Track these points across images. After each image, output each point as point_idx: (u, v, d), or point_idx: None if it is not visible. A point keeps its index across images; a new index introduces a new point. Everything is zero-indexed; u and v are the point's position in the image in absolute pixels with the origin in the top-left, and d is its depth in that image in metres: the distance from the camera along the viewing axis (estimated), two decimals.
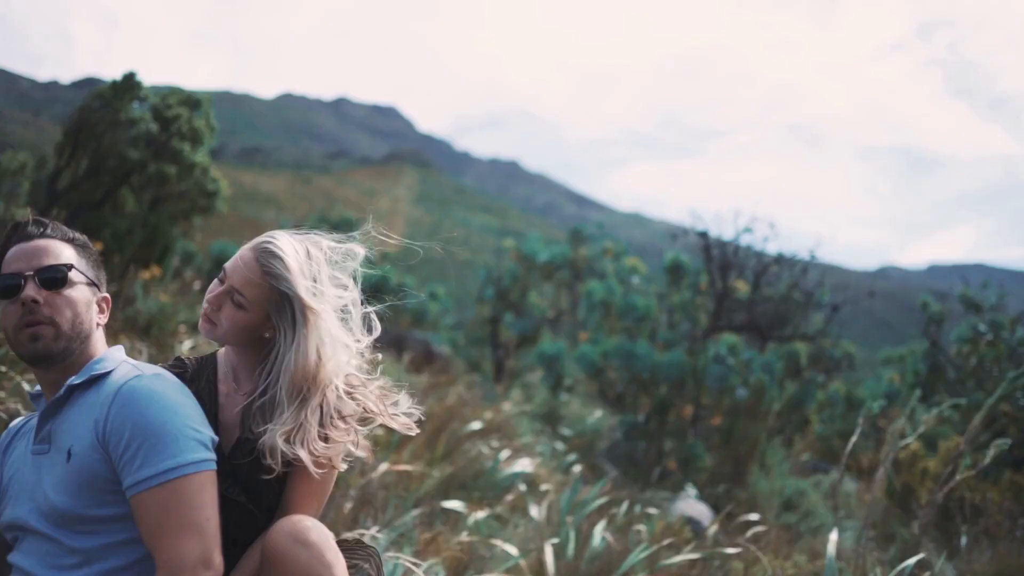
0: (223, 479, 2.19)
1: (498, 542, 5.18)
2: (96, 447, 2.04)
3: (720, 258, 11.56)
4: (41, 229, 2.24)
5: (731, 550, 5.50)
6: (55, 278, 2.16)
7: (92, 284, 2.28)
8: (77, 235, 2.30)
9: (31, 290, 2.11)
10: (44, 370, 2.19)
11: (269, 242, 2.31)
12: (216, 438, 2.16)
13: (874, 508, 7.89)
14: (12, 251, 2.19)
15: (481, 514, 6.01)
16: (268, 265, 2.26)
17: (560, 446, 9.97)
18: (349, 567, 2.24)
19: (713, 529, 7.11)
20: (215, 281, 2.34)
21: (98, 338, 2.28)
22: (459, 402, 10.40)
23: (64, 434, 2.12)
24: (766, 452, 9.51)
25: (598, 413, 12.35)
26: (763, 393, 9.72)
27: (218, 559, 1.99)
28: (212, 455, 2.09)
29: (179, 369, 2.45)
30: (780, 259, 12.12)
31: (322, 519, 2.30)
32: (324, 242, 2.44)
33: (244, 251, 2.32)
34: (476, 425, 8.82)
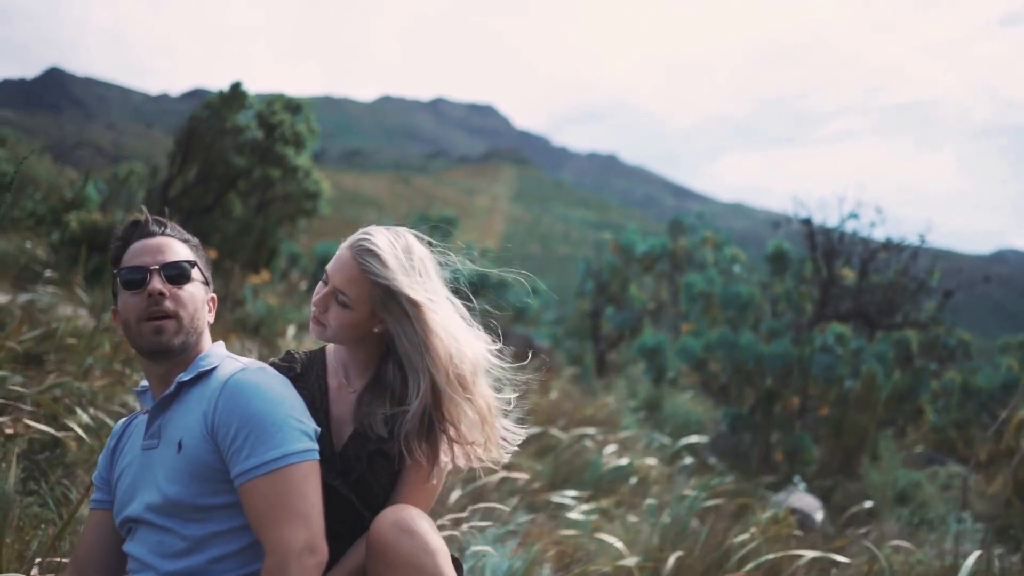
0: (332, 475, 2.24)
1: (606, 536, 5.16)
2: (205, 438, 2.12)
3: (824, 245, 11.26)
4: (161, 228, 2.33)
5: (840, 558, 5.34)
6: (179, 274, 2.26)
7: (206, 283, 2.37)
8: (191, 236, 2.41)
9: (157, 283, 2.20)
10: (157, 363, 2.27)
11: (365, 239, 2.33)
12: (319, 429, 2.20)
13: (997, 504, 7.61)
14: (135, 246, 2.28)
15: (586, 508, 6.00)
16: (365, 262, 2.27)
17: (663, 439, 9.87)
18: None
19: (820, 517, 6.95)
20: (320, 283, 2.38)
21: (206, 335, 2.37)
22: (562, 396, 10.40)
23: (174, 428, 2.21)
24: (877, 443, 9.22)
25: (701, 405, 12.20)
26: (873, 383, 9.43)
27: (323, 546, 2.04)
28: (315, 445, 2.14)
29: (289, 364, 2.51)
30: (888, 245, 11.74)
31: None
32: (416, 239, 2.44)
33: (342, 250, 2.35)
34: (579, 419, 8.82)
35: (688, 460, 8.91)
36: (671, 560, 4.75)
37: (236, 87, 14.59)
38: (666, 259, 16.89)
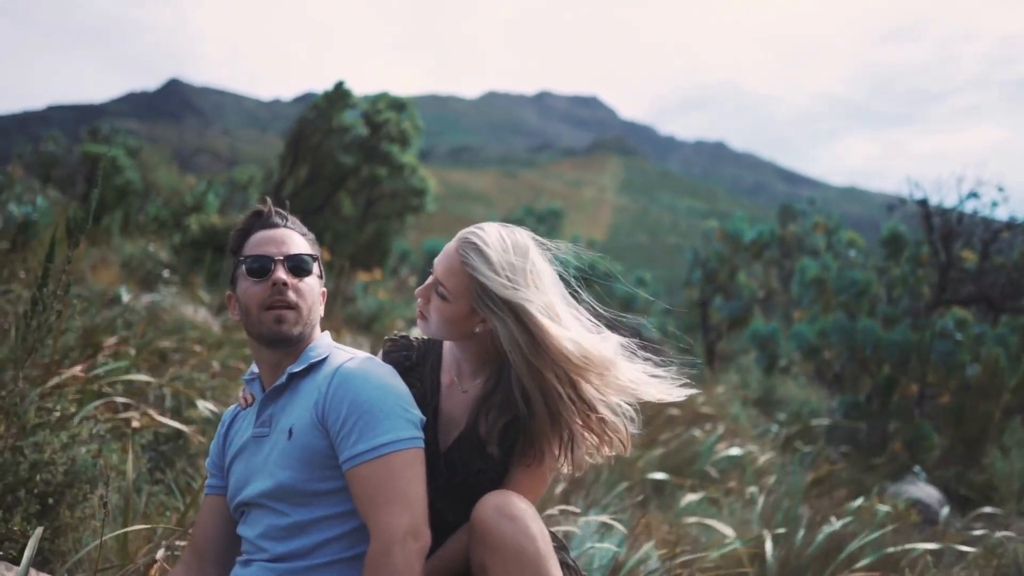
0: (433, 477, 2.25)
1: (714, 522, 5.10)
2: (316, 425, 2.19)
3: (942, 227, 10.82)
4: (283, 220, 2.42)
5: (965, 548, 5.15)
6: (301, 266, 2.34)
7: (320, 276, 2.44)
8: (308, 231, 2.48)
9: (281, 273, 2.28)
10: (272, 351, 2.35)
11: (472, 232, 2.30)
12: (424, 418, 2.24)
13: None
14: (259, 235, 2.36)
15: (694, 497, 5.95)
16: (466, 255, 2.25)
17: (776, 428, 9.69)
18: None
19: (943, 508, 6.72)
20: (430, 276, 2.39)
21: (317, 328, 2.43)
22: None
23: (284, 416, 2.29)
24: (1004, 432, 8.85)
25: (815, 394, 11.92)
26: (997, 369, 9.03)
27: (426, 531, 2.08)
28: (421, 434, 2.18)
29: (405, 352, 2.53)
30: (1012, 224, 11.19)
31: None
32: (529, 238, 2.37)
33: (450, 243, 2.33)
34: (688, 409, 8.74)
35: (802, 450, 8.73)
36: (776, 549, 4.67)
37: (339, 86, 14.95)
38: (775, 246, 16.53)
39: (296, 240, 2.37)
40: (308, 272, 2.35)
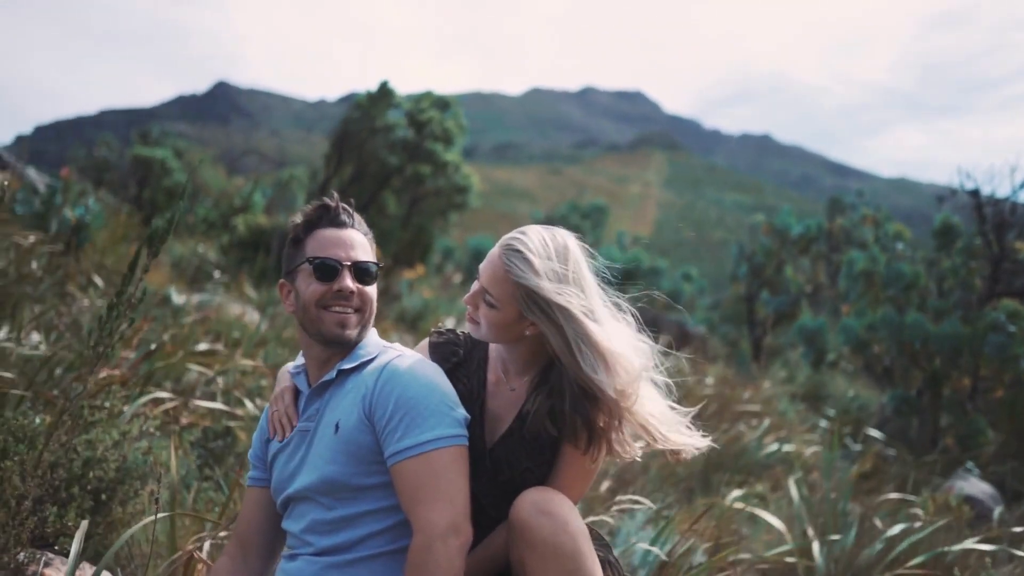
0: (480, 471, 2.29)
1: (761, 512, 5.06)
2: (362, 420, 2.23)
3: (995, 217, 10.58)
4: (350, 219, 2.43)
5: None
6: (368, 274, 2.37)
7: (381, 266, 2.48)
8: (368, 229, 2.50)
9: (348, 280, 2.32)
10: (324, 348, 2.39)
11: (515, 238, 2.31)
12: (469, 417, 2.26)
13: None
14: (327, 234, 2.38)
15: (740, 492, 5.91)
16: (511, 262, 2.25)
17: (824, 424, 9.58)
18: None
19: (997, 506, 6.59)
20: (475, 281, 2.40)
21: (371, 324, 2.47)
22: (717, 382, 10.25)
23: (332, 411, 2.33)
24: None
25: (864, 389, 11.77)
26: None
27: (467, 528, 2.11)
28: (465, 432, 2.21)
29: (452, 347, 2.55)
30: None
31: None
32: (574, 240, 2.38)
33: (493, 249, 2.34)
34: (734, 404, 8.69)
35: (851, 445, 8.62)
36: (824, 547, 4.62)
37: (383, 86, 15.06)
38: (823, 239, 16.33)
39: (363, 244, 2.40)
40: (373, 280, 2.39)
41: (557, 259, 2.27)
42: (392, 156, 14.85)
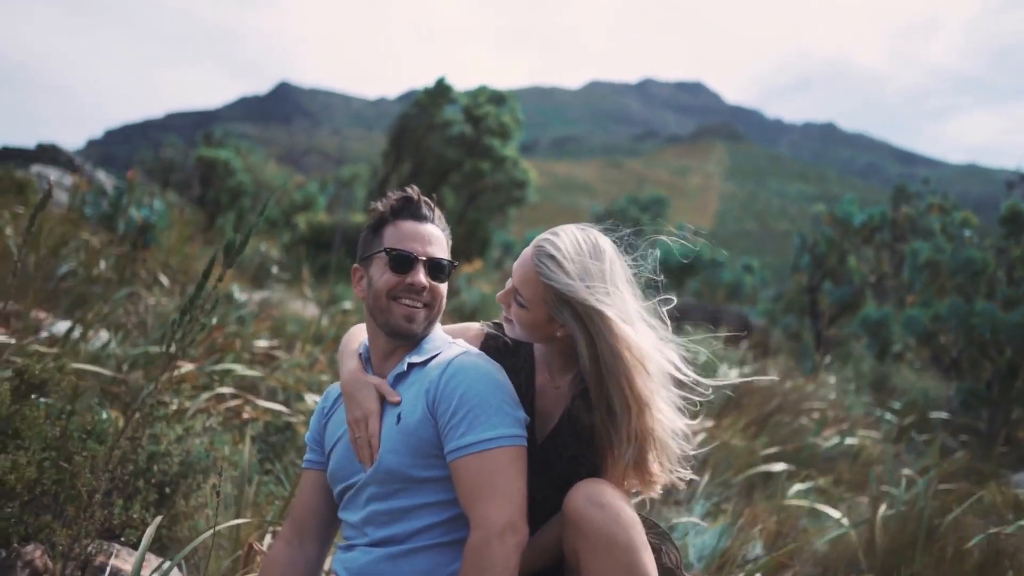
0: (532, 466, 2.28)
1: (824, 507, 5.00)
2: (425, 414, 2.25)
3: None
4: (431, 213, 2.43)
5: None
6: (441, 272, 2.39)
7: (456, 265, 2.51)
8: (446, 224, 2.50)
9: (421, 275, 2.34)
10: (389, 340, 2.42)
11: (547, 239, 2.30)
12: (528, 419, 2.28)
13: None
14: (407, 226, 2.39)
15: (802, 486, 5.85)
16: (540, 263, 2.24)
17: (889, 417, 9.40)
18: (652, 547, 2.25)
19: None
20: (508, 280, 2.40)
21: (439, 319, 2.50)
22: (780, 374, 10.13)
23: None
24: None
25: (930, 381, 11.54)
26: None
27: (524, 527, 2.12)
28: (525, 432, 2.23)
29: (503, 338, 2.56)
30: None
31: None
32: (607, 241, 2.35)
33: (526, 249, 2.34)
34: (796, 397, 8.57)
35: (916, 438, 8.46)
36: (886, 537, 4.55)
37: (440, 82, 15.14)
38: (887, 228, 16.00)
39: (441, 241, 2.41)
40: (445, 278, 2.40)
41: (590, 259, 2.25)
42: (450, 151, 14.94)
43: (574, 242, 2.27)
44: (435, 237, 2.39)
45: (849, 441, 7.40)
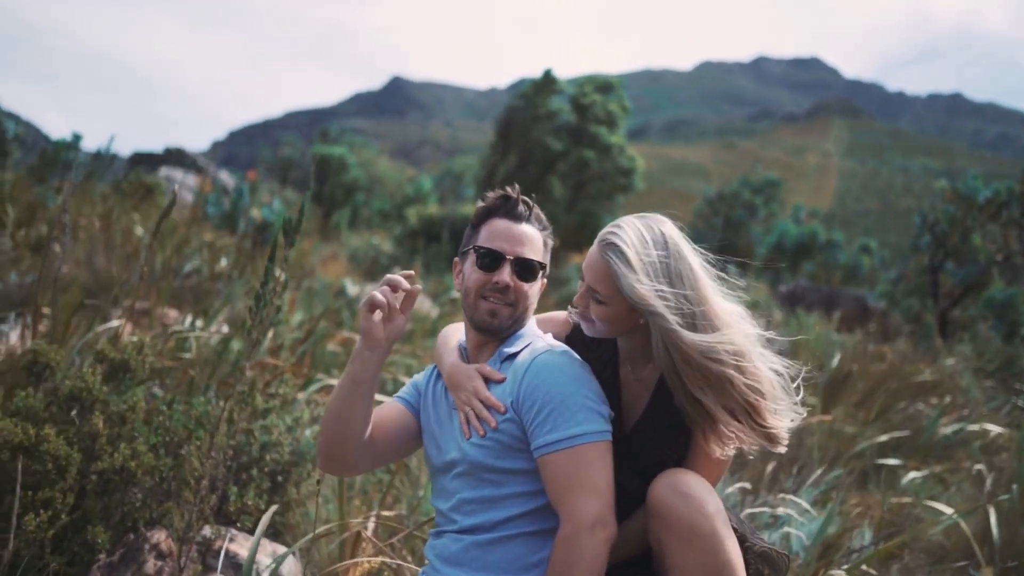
0: (619, 458, 2.30)
1: (935, 503, 4.86)
2: (509, 408, 2.30)
3: None
4: (527, 211, 2.46)
5: None
6: (529, 272, 2.41)
7: (544, 275, 2.49)
8: (547, 222, 2.52)
9: (506, 274, 2.37)
10: (478, 334, 2.48)
11: (611, 232, 2.29)
12: (613, 414, 2.31)
13: None
14: (500, 224, 2.43)
15: (917, 474, 5.69)
16: (609, 257, 2.24)
17: (1018, 402, 9.00)
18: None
19: None
20: (581, 281, 2.40)
21: (529, 315, 2.53)
22: (897, 358, 9.84)
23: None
24: None
25: None
26: None
27: (613, 521, 2.15)
28: (610, 428, 2.25)
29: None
30: None
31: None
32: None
33: (593, 247, 2.35)
34: (914, 381, 8.31)
35: None
36: (1003, 528, 4.39)
37: (547, 74, 15.19)
38: (1015, 204, 15.23)
39: (532, 240, 2.43)
40: (533, 278, 2.42)
41: (655, 249, 2.23)
42: (556, 141, 14.98)
43: (638, 233, 2.25)
44: (528, 237, 2.41)
45: (971, 428, 7.13)
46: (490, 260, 2.37)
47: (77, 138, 11.59)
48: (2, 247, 6.56)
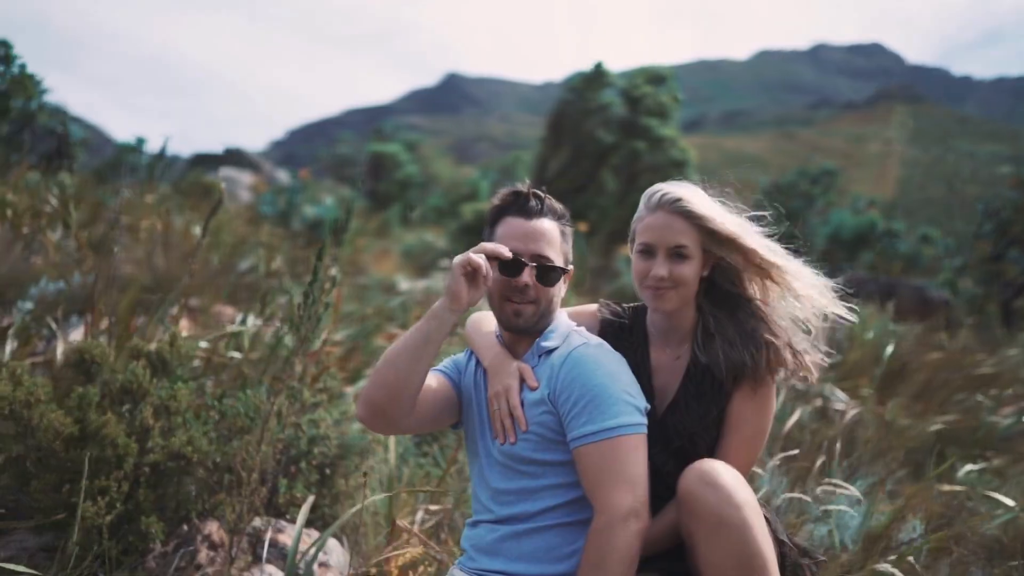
0: (653, 442, 2.34)
1: (993, 494, 4.78)
2: (545, 401, 2.35)
3: None
4: (539, 204, 2.46)
5: None
6: (550, 274, 2.42)
7: (567, 268, 2.51)
8: (562, 210, 2.53)
9: (525, 275, 2.39)
10: (508, 334, 2.53)
11: (664, 193, 2.45)
12: (648, 406, 2.35)
13: None
14: (513, 223, 2.44)
15: (974, 467, 5.60)
16: (685, 210, 2.38)
17: None
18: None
19: None
20: (641, 259, 2.47)
21: (555, 309, 2.53)
22: (957, 349, 9.66)
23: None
24: None
25: None
26: None
27: (646, 513, 2.20)
28: (645, 420, 2.30)
29: (620, 316, 2.66)
30: None
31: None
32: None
33: (650, 217, 2.44)
34: (974, 372, 8.15)
35: None
36: None
37: (597, 67, 15.17)
38: None
39: (548, 233, 2.43)
40: (556, 280, 2.43)
41: (705, 194, 2.48)
42: (607, 134, 14.95)
43: (679, 184, 2.50)
44: (542, 232, 2.42)
45: None
46: (507, 264, 2.37)
47: (140, 141, 11.91)
48: (67, 248, 6.76)
